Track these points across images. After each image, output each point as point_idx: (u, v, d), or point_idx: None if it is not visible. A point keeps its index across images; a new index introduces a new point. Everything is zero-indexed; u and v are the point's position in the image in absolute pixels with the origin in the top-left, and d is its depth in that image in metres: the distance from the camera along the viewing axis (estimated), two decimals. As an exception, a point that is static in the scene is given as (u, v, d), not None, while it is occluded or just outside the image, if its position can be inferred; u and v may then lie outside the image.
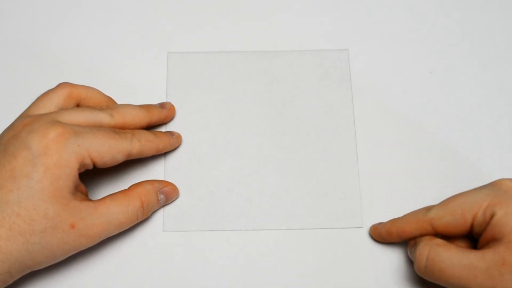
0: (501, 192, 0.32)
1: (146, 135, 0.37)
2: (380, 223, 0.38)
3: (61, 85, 0.37)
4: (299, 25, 0.45)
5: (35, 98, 0.37)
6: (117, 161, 0.35)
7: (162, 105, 0.41)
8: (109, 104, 0.38)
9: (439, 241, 0.33)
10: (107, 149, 0.34)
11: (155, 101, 0.42)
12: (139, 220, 0.37)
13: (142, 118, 0.38)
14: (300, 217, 0.39)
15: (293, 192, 0.39)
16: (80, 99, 0.37)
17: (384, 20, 0.46)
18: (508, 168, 0.40)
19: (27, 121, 0.33)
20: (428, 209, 0.35)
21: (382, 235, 0.37)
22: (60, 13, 0.46)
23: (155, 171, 0.40)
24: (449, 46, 0.45)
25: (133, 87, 0.43)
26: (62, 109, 0.36)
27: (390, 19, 0.46)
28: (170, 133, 0.40)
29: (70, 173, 0.32)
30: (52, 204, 0.31)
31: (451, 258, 0.32)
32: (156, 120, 0.40)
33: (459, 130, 0.41)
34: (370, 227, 0.38)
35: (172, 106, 0.41)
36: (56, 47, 0.44)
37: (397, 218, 0.36)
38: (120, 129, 0.36)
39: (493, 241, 0.31)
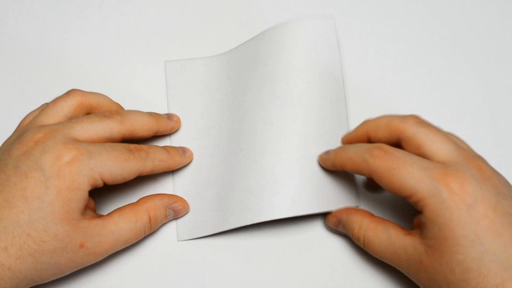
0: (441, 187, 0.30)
1: (160, 154, 0.37)
2: (327, 153, 0.37)
3: (72, 93, 0.37)
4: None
5: (32, 101, 0.37)
6: (128, 179, 0.35)
7: (169, 117, 0.41)
8: (118, 110, 0.38)
9: (368, 223, 0.35)
10: (119, 172, 0.34)
11: (156, 111, 0.41)
12: (146, 234, 0.37)
13: (151, 126, 0.38)
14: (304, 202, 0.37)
15: (299, 181, 0.38)
16: (91, 108, 0.37)
17: (384, 20, 0.46)
18: (508, 169, 0.40)
19: (39, 137, 0.33)
20: (370, 153, 0.33)
21: (328, 166, 0.37)
22: (64, 18, 0.45)
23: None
24: (449, 46, 0.45)
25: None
26: (72, 118, 0.35)
27: (390, 19, 0.46)
28: (183, 150, 0.40)
29: (81, 195, 0.32)
30: (62, 226, 0.32)
31: (380, 245, 0.34)
32: (163, 130, 0.40)
33: (459, 130, 0.42)
34: (318, 157, 0.38)
35: (179, 119, 0.41)
36: (58, 53, 0.44)
37: (342, 151, 0.35)
38: (135, 147, 0.36)
39: (420, 231, 0.32)
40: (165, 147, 0.38)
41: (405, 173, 0.31)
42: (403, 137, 0.33)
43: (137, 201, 0.37)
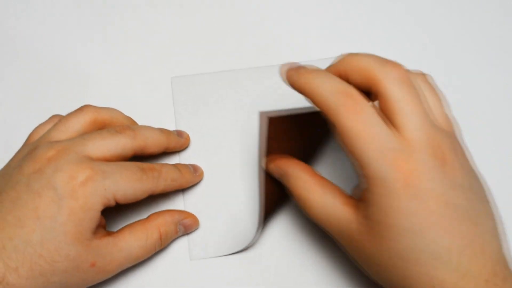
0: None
1: (173, 174, 0.37)
2: (298, 69, 0.32)
3: (84, 110, 0.36)
4: (300, 36, 0.45)
5: (42, 114, 0.38)
6: (140, 199, 0.35)
7: (179, 134, 0.41)
8: (130, 125, 0.38)
9: (306, 181, 0.32)
10: (132, 192, 0.34)
11: (163, 127, 0.40)
12: (156, 251, 0.37)
13: (162, 142, 0.38)
14: None
15: None
16: (104, 124, 0.37)
17: (384, 20, 0.46)
18: (509, 169, 0.41)
19: (52, 154, 0.33)
20: (339, 98, 0.29)
21: (291, 84, 0.32)
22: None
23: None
24: (449, 46, 0.45)
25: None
26: (84, 134, 0.35)
27: (390, 20, 0.46)
28: (194, 168, 0.40)
29: (94, 215, 0.32)
30: (74, 246, 0.31)
31: (315, 208, 0.32)
32: (173, 147, 0.39)
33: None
34: (286, 71, 0.32)
35: (188, 136, 0.41)
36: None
37: (312, 79, 0.31)
38: (148, 166, 0.35)
39: (362, 206, 0.30)
40: (176, 166, 0.38)
41: (366, 144, 0.28)
42: (377, 90, 0.29)
43: (147, 218, 0.37)
